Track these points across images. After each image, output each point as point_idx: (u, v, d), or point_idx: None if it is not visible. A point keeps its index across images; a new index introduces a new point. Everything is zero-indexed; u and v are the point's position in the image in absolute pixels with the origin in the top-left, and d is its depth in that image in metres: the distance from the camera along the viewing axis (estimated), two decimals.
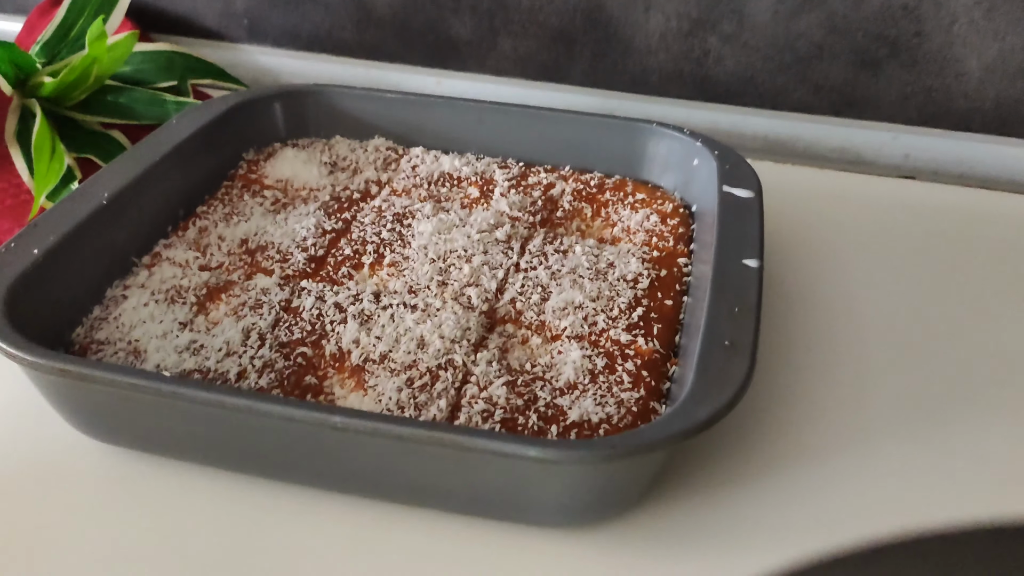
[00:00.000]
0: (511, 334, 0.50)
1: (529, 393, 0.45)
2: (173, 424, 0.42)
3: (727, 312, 0.45)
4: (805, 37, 0.77)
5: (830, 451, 0.48)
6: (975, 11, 0.72)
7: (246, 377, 0.46)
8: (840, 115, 0.80)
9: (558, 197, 0.63)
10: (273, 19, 0.89)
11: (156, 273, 0.53)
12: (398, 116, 0.69)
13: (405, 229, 0.58)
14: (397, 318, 0.49)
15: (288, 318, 0.50)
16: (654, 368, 0.48)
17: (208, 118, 0.63)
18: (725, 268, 0.49)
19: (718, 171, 0.58)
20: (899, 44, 0.75)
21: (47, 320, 0.47)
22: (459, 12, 0.84)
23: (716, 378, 0.41)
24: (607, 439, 0.37)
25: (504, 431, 0.43)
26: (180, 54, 0.77)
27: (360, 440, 0.39)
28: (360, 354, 0.47)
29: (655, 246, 0.58)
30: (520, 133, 0.67)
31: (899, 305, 0.60)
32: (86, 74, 0.68)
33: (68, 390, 0.43)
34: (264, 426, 0.40)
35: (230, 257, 0.55)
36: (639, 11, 0.79)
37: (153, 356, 0.47)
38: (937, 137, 0.78)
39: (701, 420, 0.38)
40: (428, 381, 0.46)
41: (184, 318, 0.50)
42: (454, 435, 0.37)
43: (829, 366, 0.55)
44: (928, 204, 0.73)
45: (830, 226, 0.69)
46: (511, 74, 0.86)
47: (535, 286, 0.53)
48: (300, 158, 0.65)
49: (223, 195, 0.61)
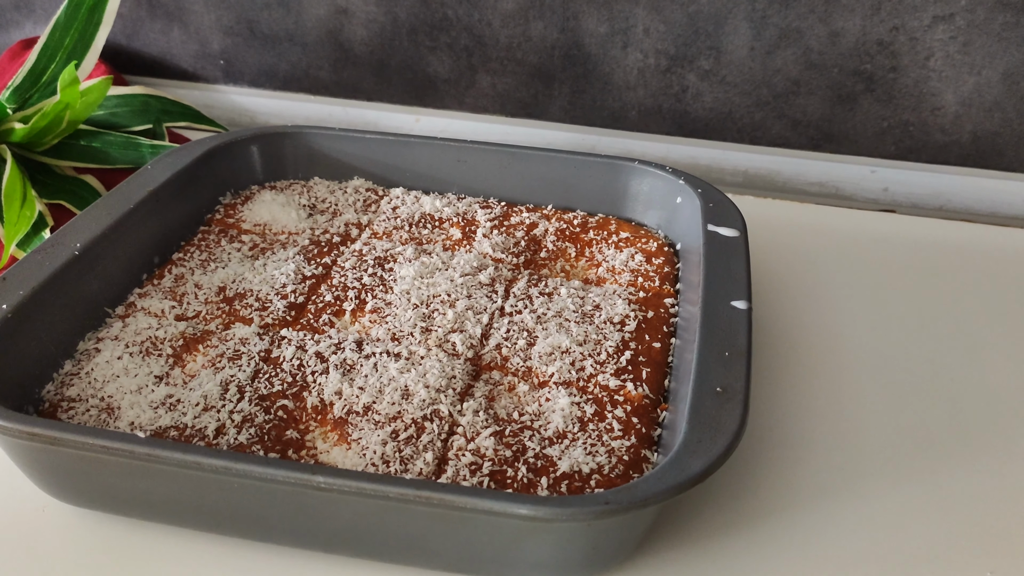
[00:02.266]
0: (497, 381, 0.49)
1: (518, 443, 0.44)
2: (149, 486, 0.41)
3: (717, 356, 0.45)
4: (782, 73, 0.77)
5: (824, 495, 0.48)
6: (951, 45, 0.72)
7: (225, 433, 0.44)
8: (819, 149, 0.80)
9: (541, 237, 0.62)
10: (249, 59, 0.88)
11: (130, 324, 0.52)
12: (377, 156, 0.68)
13: (387, 273, 0.56)
14: (380, 367, 0.48)
15: (268, 369, 0.48)
16: (644, 414, 0.47)
17: (185, 162, 0.62)
18: (714, 310, 0.48)
19: (702, 209, 0.58)
20: (875, 79, 0.75)
21: (15, 377, 0.46)
22: (437, 50, 0.83)
23: (709, 427, 0.40)
24: (600, 495, 0.36)
25: (493, 485, 0.42)
26: (155, 97, 0.76)
27: (344, 499, 0.38)
28: (343, 406, 0.46)
29: (641, 286, 0.57)
30: (501, 172, 0.67)
31: (884, 340, 0.60)
32: (58, 119, 0.67)
33: (38, 453, 0.41)
34: (244, 486, 0.39)
35: (207, 306, 0.54)
36: (617, 48, 0.79)
37: (127, 413, 0.45)
38: (915, 171, 0.78)
39: (695, 473, 0.37)
40: (414, 433, 0.44)
41: (160, 371, 0.48)
42: (442, 494, 0.36)
43: (817, 406, 0.54)
44: (909, 237, 0.73)
45: (812, 260, 0.69)
46: (490, 111, 0.86)
47: (521, 331, 0.52)
48: (278, 201, 0.64)
49: (200, 241, 0.60)
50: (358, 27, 0.84)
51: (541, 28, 0.80)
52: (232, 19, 0.86)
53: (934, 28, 0.72)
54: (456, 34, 0.82)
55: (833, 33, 0.74)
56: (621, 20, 0.78)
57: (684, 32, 0.77)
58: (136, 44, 0.90)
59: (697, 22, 0.77)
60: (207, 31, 0.88)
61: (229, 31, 0.87)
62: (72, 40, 0.71)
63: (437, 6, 0.81)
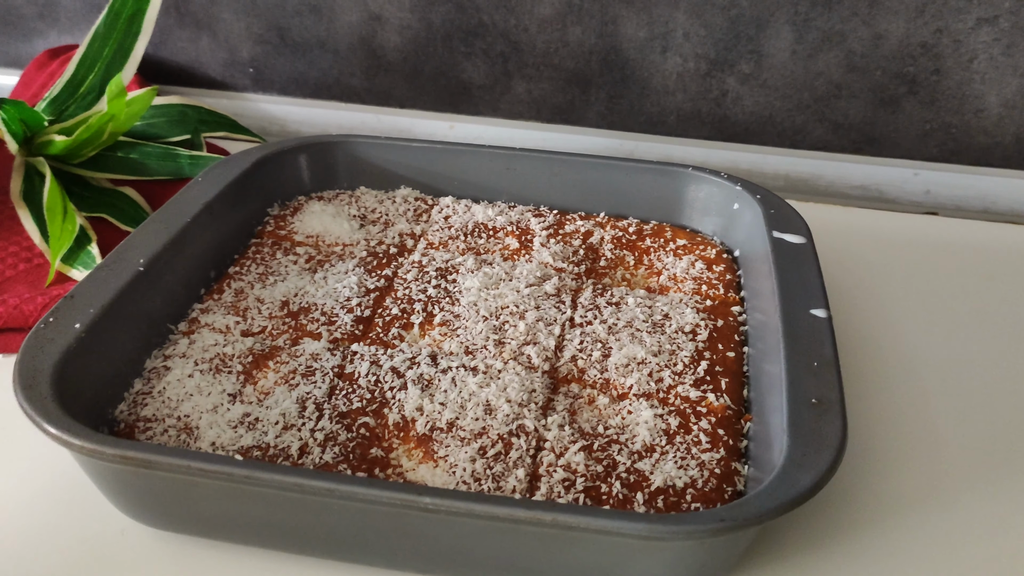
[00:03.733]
0: (577, 394, 0.48)
1: (607, 458, 0.44)
2: (241, 508, 0.40)
3: (806, 367, 0.44)
4: (824, 76, 0.77)
5: (917, 505, 0.47)
6: (994, 48, 0.72)
7: (309, 452, 0.43)
8: (860, 152, 0.80)
9: (598, 245, 0.62)
10: (279, 67, 0.87)
11: (196, 341, 0.51)
12: (424, 165, 0.67)
13: (450, 285, 0.56)
14: (459, 382, 0.47)
15: (344, 385, 0.48)
16: (728, 425, 0.46)
17: (235, 174, 0.61)
18: (794, 319, 0.48)
19: (764, 216, 0.58)
20: (918, 82, 0.75)
21: (90, 398, 0.45)
22: (472, 56, 0.83)
23: (812, 440, 0.39)
24: (715, 512, 0.36)
25: (589, 501, 0.41)
26: (192, 107, 0.75)
27: (449, 520, 0.37)
28: (426, 422, 0.45)
29: (706, 295, 0.56)
30: (551, 180, 0.66)
31: (945, 344, 0.59)
32: (100, 131, 0.65)
33: (126, 476, 0.40)
34: (344, 508, 0.38)
35: (272, 321, 0.53)
36: (656, 53, 0.79)
37: (207, 433, 0.44)
38: (958, 173, 0.78)
39: (806, 488, 0.37)
40: (501, 450, 0.44)
41: (232, 389, 0.47)
42: (555, 514, 0.35)
43: (891, 413, 0.53)
44: (954, 240, 0.72)
45: (858, 264, 0.68)
46: (525, 117, 0.85)
47: (594, 342, 0.51)
48: (328, 212, 0.63)
49: (254, 254, 0.59)
50: (391, 33, 0.83)
51: (579, 33, 0.79)
52: (262, 27, 0.85)
53: (978, 30, 0.72)
54: (492, 40, 0.81)
55: (876, 36, 0.74)
56: (661, 24, 0.77)
57: (725, 36, 0.77)
58: (164, 53, 0.89)
59: (738, 26, 0.76)
60: (237, 39, 0.86)
61: (259, 39, 0.86)
62: (111, 50, 0.70)
63: (473, 12, 0.80)
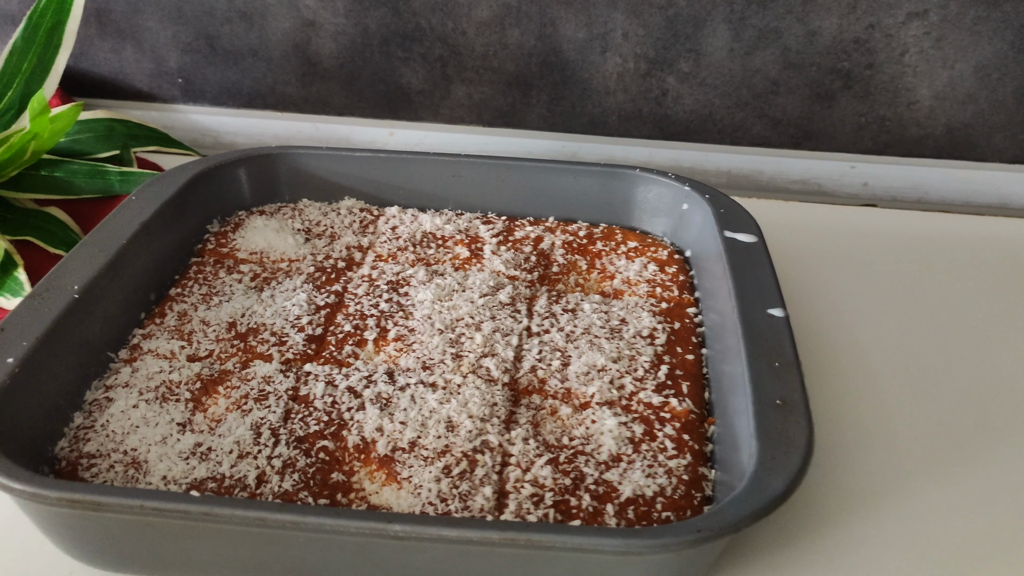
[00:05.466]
0: (539, 405, 0.47)
1: (575, 470, 0.43)
2: (199, 545, 0.38)
3: (768, 367, 0.44)
4: (761, 73, 0.78)
5: (874, 499, 0.48)
6: (925, 41, 0.74)
7: (267, 480, 0.42)
8: (799, 147, 0.81)
9: (549, 251, 0.61)
10: (210, 76, 0.84)
11: (140, 369, 0.48)
12: (368, 174, 0.66)
13: (403, 298, 0.54)
14: (418, 399, 0.46)
15: (300, 408, 0.46)
16: (692, 430, 0.46)
17: (171, 190, 0.58)
18: (752, 319, 0.48)
19: (714, 215, 0.58)
20: (852, 76, 0.76)
21: (27, 436, 0.42)
22: (410, 61, 0.81)
23: (780, 443, 0.39)
24: (690, 523, 0.35)
25: (559, 516, 0.40)
26: (120, 121, 0.72)
27: (420, 547, 0.36)
28: (387, 443, 0.44)
29: (661, 297, 0.56)
30: (499, 185, 0.65)
31: (888, 334, 0.60)
32: (23, 150, 0.62)
33: (74, 520, 0.38)
34: (310, 540, 0.36)
35: (219, 343, 0.51)
36: (596, 53, 0.78)
37: (157, 466, 0.42)
38: (892, 164, 0.80)
39: (779, 492, 0.37)
40: (467, 467, 0.43)
41: (181, 418, 0.45)
42: (530, 534, 0.34)
43: (846, 408, 0.54)
44: (891, 230, 0.74)
45: (799, 257, 0.69)
46: (466, 121, 0.84)
47: (553, 351, 0.51)
48: (271, 226, 0.61)
49: (196, 273, 0.57)
50: (326, 40, 0.81)
51: (518, 35, 0.79)
52: (190, 35, 0.82)
53: (908, 24, 0.74)
54: (430, 44, 0.80)
55: (811, 32, 0.75)
56: (600, 25, 0.77)
57: (663, 35, 0.77)
58: (84, 64, 0.85)
59: (676, 25, 0.76)
60: (163, 48, 0.83)
61: (187, 48, 0.83)
62: (31, 65, 0.66)
63: (409, 16, 0.79)
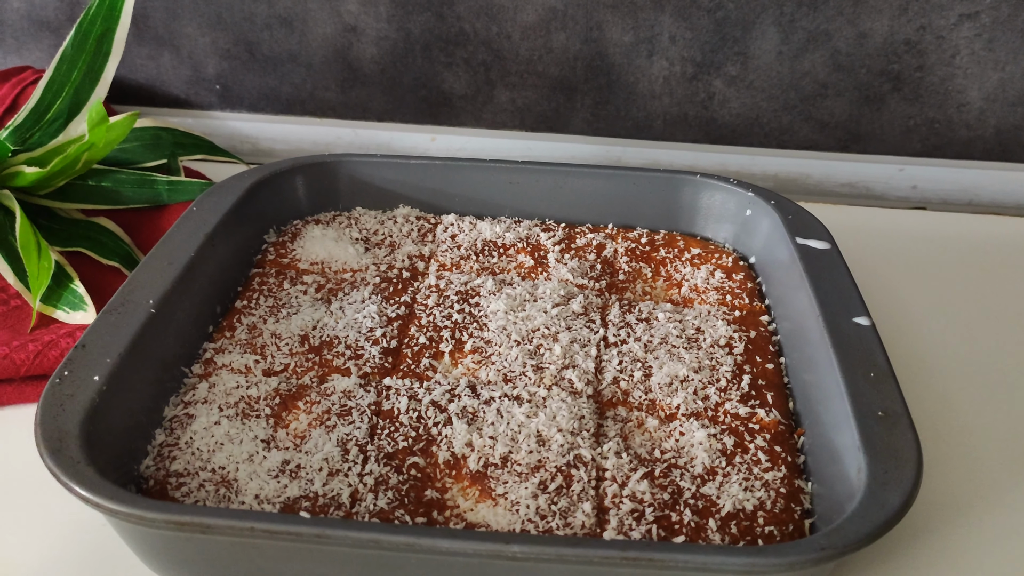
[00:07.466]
0: (625, 418, 0.47)
1: (671, 484, 0.42)
2: (301, 567, 0.37)
3: (863, 378, 0.43)
4: (810, 76, 0.77)
5: (966, 509, 0.47)
6: (976, 43, 0.73)
7: (361, 499, 0.41)
8: (847, 150, 0.80)
9: (613, 258, 0.60)
10: (248, 83, 0.84)
11: (216, 384, 0.48)
12: (423, 182, 0.65)
13: (474, 308, 0.54)
14: (505, 412, 0.45)
15: (385, 424, 0.45)
16: (783, 441, 0.45)
17: (231, 200, 0.57)
18: (839, 328, 0.47)
19: (783, 222, 0.57)
20: (902, 78, 0.76)
21: (117, 456, 0.41)
22: (452, 66, 0.80)
23: (889, 456, 0.39)
24: (814, 540, 0.35)
25: (662, 532, 0.40)
26: (166, 130, 0.71)
27: (537, 567, 0.35)
28: (478, 458, 0.43)
29: (732, 305, 0.56)
30: (556, 192, 0.64)
31: (958, 340, 0.60)
32: (76, 160, 0.61)
33: (177, 542, 0.37)
34: (420, 560, 0.36)
35: (294, 357, 0.50)
36: (642, 57, 0.78)
37: (247, 485, 0.41)
38: (942, 167, 0.79)
39: (896, 507, 0.36)
40: (562, 483, 0.42)
41: (264, 435, 0.45)
42: (652, 553, 0.34)
43: (922, 416, 0.53)
44: (942, 232, 0.73)
45: (855, 263, 0.68)
46: (509, 126, 0.83)
47: (633, 361, 0.50)
48: (329, 236, 0.61)
49: (259, 285, 0.56)
50: (368, 45, 0.80)
51: (563, 39, 0.78)
52: (229, 41, 0.81)
53: (960, 26, 0.73)
54: (473, 48, 0.79)
55: (861, 34, 0.74)
56: (646, 28, 0.76)
57: (711, 38, 0.76)
58: (121, 71, 0.84)
59: (724, 28, 0.76)
60: (201, 55, 0.82)
61: (226, 54, 0.82)
62: (80, 73, 0.65)
63: (453, 20, 0.78)
